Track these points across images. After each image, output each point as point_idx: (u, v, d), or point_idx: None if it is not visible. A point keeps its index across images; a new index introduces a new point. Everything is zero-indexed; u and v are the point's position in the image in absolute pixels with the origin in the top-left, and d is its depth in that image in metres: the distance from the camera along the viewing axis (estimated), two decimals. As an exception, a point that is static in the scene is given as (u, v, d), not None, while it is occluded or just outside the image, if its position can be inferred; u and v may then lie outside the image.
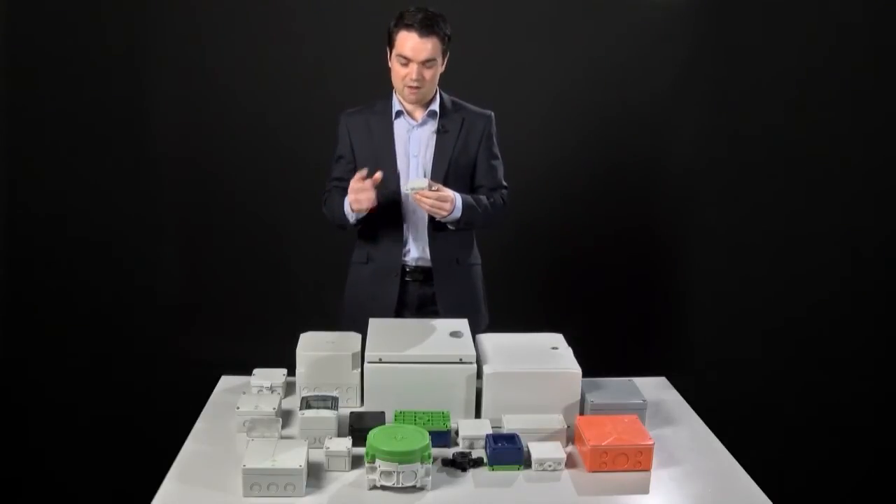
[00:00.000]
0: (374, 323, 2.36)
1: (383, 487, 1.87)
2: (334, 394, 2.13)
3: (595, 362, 2.30)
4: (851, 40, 3.40)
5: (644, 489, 1.94)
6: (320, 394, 2.13)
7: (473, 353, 2.16)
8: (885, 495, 3.68)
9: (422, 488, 1.88)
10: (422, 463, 1.86)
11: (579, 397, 2.18)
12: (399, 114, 2.64)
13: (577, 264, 3.55)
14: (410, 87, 2.53)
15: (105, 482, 3.40)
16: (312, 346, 2.27)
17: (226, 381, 2.45)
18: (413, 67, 2.50)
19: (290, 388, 2.34)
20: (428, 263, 2.67)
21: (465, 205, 2.55)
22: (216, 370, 2.50)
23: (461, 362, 2.15)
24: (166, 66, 3.31)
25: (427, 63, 2.50)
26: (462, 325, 2.33)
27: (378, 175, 2.47)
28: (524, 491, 1.91)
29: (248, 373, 2.35)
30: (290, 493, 1.83)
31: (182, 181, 3.41)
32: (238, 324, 3.48)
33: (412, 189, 2.47)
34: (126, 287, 3.44)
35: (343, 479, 1.92)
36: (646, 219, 3.57)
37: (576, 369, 2.17)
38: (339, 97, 3.31)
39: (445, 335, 2.27)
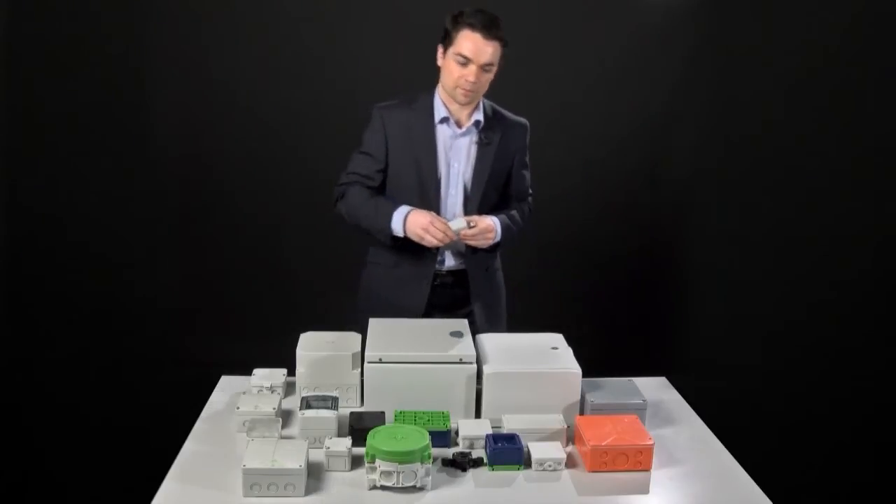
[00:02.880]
0: (374, 323, 2.35)
1: (383, 487, 1.87)
2: (334, 394, 2.13)
3: (595, 362, 2.30)
4: (851, 40, 3.41)
5: (644, 489, 1.94)
6: (320, 394, 2.13)
7: (473, 353, 2.16)
8: (885, 495, 3.68)
9: (422, 488, 1.88)
10: (422, 463, 1.86)
11: (579, 397, 2.18)
12: (445, 120, 2.56)
13: (577, 264, 3.55)
14: (465, 88, 2.45)
15: (105, 482, 3.40)
16: (312, 346, 2.27)
17: (226, 381, 2.45)
18: (472, 69, 2.42)
19: (290, 388, 2.34)
20: (461, 267, 2.66)
21: (503, 227, 2.55)
22: (216, 370, 2.50)
23: (461, 362, 2.15)
24: (166, 67, 3.31)
25: (486, 66, 2.44)
26: (462, 325, 2.33)
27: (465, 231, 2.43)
28: (524, 491, 1.91)
29: (248, 373, 2.35)
30: (290, 493, 1.83)
31: (182, 181, 3.41)
32: (238, 324, 3.48)
33: (454, 231, 2.41)
34: (126, 287, 3.44)
35: (343, 479, 1.92)
36: (645, 219, 3.57)
37: (576, 369, 2.17)
38: (339, 97, 3.34)
39: (445, 335, 2.27)
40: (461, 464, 1.98)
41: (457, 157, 2.57)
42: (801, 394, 3.65)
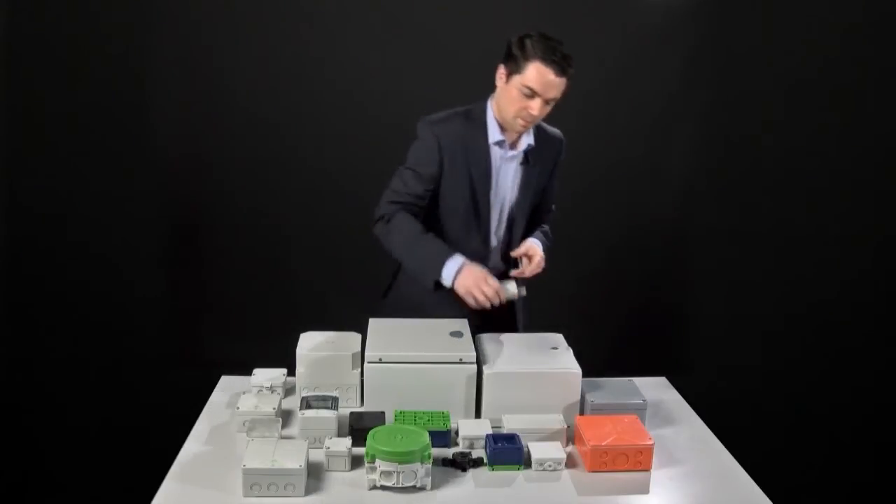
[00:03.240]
0: (374, 323, 2.36)
1: (383, 487, 1.87)
2: (334, 394, 2.13)
3: (595, 362, 2.30)
4: (852, 40, 3.41)
5: (644, 489, 1.94)
6: (320, 394, 2.13)
7: (473, 353, 2.16)
8: (885, 495, 3.68)
9: (422, 488, 1.88)
10: (422, 463, 1.86)
11: (579, 397, 2.18)
12: (500, 142, 2.43)
13: (578, 264, 3.54)
14: (526, 120, 2.34)
15: (105, 482, 3.40)
16: (312, 346, 2.27)
17: (226, 381, 2.45)
18: (537, 102, 2.29)
19: (290, 389, 2.34)
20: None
21: (544, 249, 2.51)
22: (216, 370, 2.51)
23: (461, 362, 2.15)
24: (166, 67, 3.31)
25: (550, 101, 2.33)
26: (462, 325, 2.33)
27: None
28: (524, 491, 1.91)
29: (248, 373, 2.35)
30: (290, 493, 1.83)
31: (182, 181, 3.41)
32: (238, 324, 3.48)
33: (508, 298, 2.31)
34: (126, 287, 3.43)
35: (343, 479, 1.92)
36: (645, 219, 3.57)
37: (576, 369, 2.18)
38: (339, 97, 3.34)
39: (445, 335, 2.27)
40: (461, 464, 1.98)
41: (504, 177, 2.47)
42: (801, 394, 3.65)
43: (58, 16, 3.21)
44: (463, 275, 2.26)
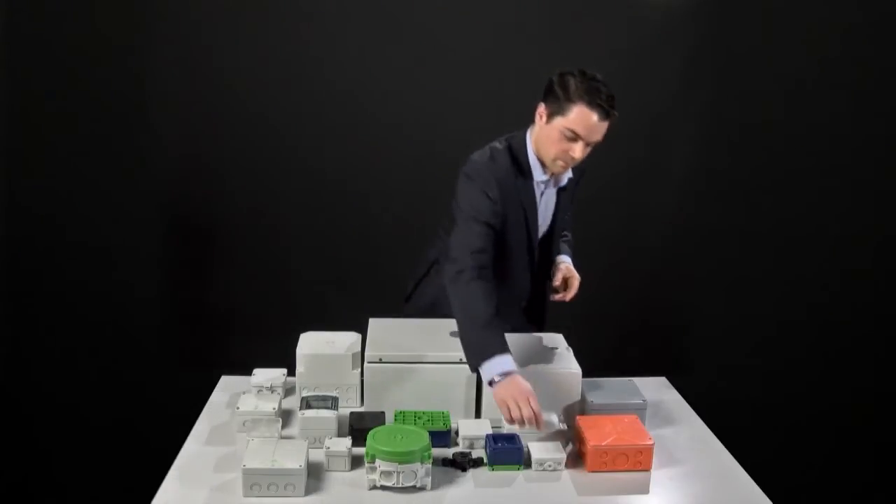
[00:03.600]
0: (374, 323, 2.36)
1: (383, 487, 1.87)
2: (334, 394, 2.13)
3: (595, 362, 2.30)
4: (851, 40, 3.40)
5: (644, 489, 1.94)
6: (320, 394, 2.13)
7: (473, 353, 2.16)
8: (885, 495, 3.68)
9: (422, 488, 1.88)
10: (422, 463, 1.86)
11: (579, 397, 2.18)
12: (545, 182, 2.37)
13: (577, 264, 3.54)
14: (566, 162, 2.26)
15: (106, 482, 3.40)
16: (312, 346, 2.28)
17: (226, 381, 2.45)
18: (580, 145, 2.20)
19: (290, 389, 2.35)
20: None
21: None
22: (216, 370, 2.51)
23: (461, 362, 2.15)
24: (166, 67, 3.30)
25: (593, 143, 2.24)
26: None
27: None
28: (524, 491, 1.91)
29: (248, 373, 2.35)
30: (290, 493, 1.83)
31: (182, 181, 3.41)
32: (238, 324, 3.48)
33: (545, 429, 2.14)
34: (126, 287, 3.43)
35: (343, 479, 1.92)
36: (645, 219, 3.57)
37: (576, 369, 2.18)
38: (340, 97, 3.34)
39: (445, 335, 2.27)
40: (461, 464, 1.98)
41: (545, 208, 2.43)
42: (801, 394, 3.65)
43: (58, 16, 3.21)
44: (508, 384, 2.01)
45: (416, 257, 2.71)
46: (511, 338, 2.33)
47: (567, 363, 2.20)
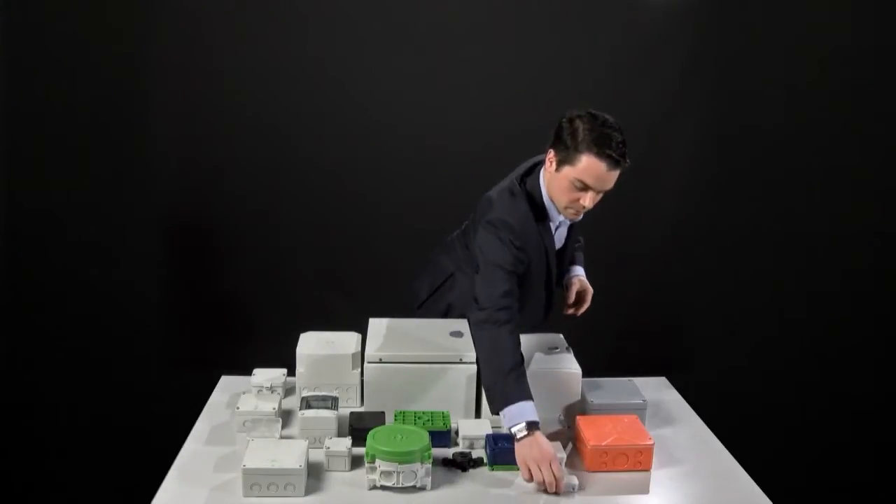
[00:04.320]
0: (374, 323, 2.36)
1: (383, 487, 1.87)
2: (334, 394, 2.13)
3: (595, 362, 2.30)
4: (851, 40, 3.40)
5: (644, 489, 1.94)
6: (320, 394, 2.13)
7: (473, 353, 2.16)
8: (885, 495, 3.68)
9: (422, 488, 1.88)
10: (422, 463, 1.86)
11: (579, 397, 2.18)
12: (562, 223, 2.35)
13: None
14: (577, 211, 2.21)
15: (106, 482, 3.40)
16: (312, 346, 2.28)
17: (226, 381, 2.45)
18: (590, 195, 2.14)
19: (290, 389, 2.35)
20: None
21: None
22: (216, 370, 2.50)
23: (461, 362, 2.16)
24: (166, 67, 3.30)
25: (603, 192, 2.18)
26: (462, 325, 2.33)
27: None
28: (524, 491, 1.91)
29: (248, 373, 2.35)
30: (290, 493, 1.83)
31: (182, 181, 3.41)
32: (238, 324, 3.48)
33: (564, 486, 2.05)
34: (126, 287, 3.43)
35: (343, 479, 1.92)
36: (645, 218, 3.56)
37: (576, 369, 2.18)
38: (340, 97, 3.33)
39: (445, 335, 2.28)
40: (461, 464, 1.98)
41: (560, 236, 2.40)
42: (801, 394, 3.65)
43: (58, 16, 3.21)
44: (531, 446, 1.95)
45: (417, 258, 2.70)
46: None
47: (567, 363, 2.20)
